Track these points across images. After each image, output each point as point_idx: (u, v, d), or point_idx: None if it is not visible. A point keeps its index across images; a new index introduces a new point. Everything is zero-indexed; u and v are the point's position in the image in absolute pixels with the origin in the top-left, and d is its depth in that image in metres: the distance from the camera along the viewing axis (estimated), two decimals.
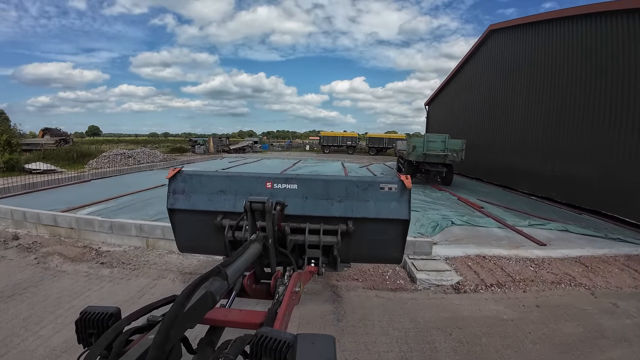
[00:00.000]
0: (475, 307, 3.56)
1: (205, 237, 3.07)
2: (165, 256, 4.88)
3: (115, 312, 1.27)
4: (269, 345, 1.07)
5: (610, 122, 8.26)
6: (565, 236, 6.38)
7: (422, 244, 4.76)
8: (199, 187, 3.06)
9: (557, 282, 4.39)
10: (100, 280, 4.13)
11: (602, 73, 8.56)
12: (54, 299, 3.79)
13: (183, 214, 3.05)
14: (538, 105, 11.21)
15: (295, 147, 48.57)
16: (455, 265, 4.51)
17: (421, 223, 6.56)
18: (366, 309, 3.46)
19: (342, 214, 2.86)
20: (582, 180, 9.08)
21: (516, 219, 7.37)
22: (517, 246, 5.57)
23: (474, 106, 16.33)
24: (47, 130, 29.24)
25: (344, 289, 3.89)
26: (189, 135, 56.78)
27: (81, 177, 12.11)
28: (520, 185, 12.00)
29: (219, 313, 1.54)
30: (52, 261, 4.83)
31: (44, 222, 5.99)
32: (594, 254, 5.41)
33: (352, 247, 2.92)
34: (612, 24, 8.35)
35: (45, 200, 8.29)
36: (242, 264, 1.71)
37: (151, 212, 7.03)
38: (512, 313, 3.54)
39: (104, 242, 5.43)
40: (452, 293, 3.88)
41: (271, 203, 2.18)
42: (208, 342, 1.42)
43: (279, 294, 1.85)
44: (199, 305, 1.16)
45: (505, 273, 4.42)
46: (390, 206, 2.84)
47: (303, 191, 2.92)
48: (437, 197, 10.10)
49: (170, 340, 0.99)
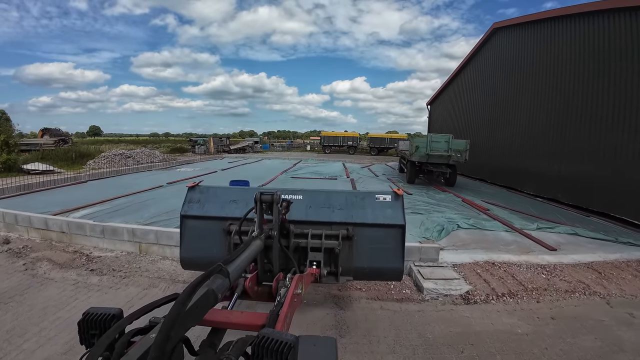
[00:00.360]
0: (487, 321, 3.33)
1: (210, 245, 3.13)
2: (158, 262, 4.66)
3: (118, 313, 1.26)
4: (271, 347, 1.06)
5: (619, 120, 8.01)
6: (575, 240, 6.15)
7: (428, 250, 4.52)
8: (214, 197, 3.30)
9: (571, 291, 4.17)
10: (88, 289, 3.91)
11: (610, 71, 8.31)
12: (39, 310, 3.59)
13: (194, 220, 3.22)
14: (544, 104, 10.96)
15: (296, 147, 48.37)
16: (463, 272, 4.28)
17: (426, 227, 6.32)
18: (370, 322, 3.23)
19: (342, 220, 3.04)
20: (589, 181, 8.83)
21: (524, 222, 7.13)
22: (526, 251, 5.34)
23: (477, 105, 16.08)
24: (47, 130, 29.15)
25: (347, 300, 3.66)
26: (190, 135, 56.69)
27: (77, 178, 11.90)
28: (525, 186, 11.75)
29: (221, 315, 1.52)
30: (40, 267, 4.62)
31: (35, 225, 5.79)
32: (605, 259, 5.21)
33: (353, 254, 2.97)
34: (620, 21, 8.10)
35: (39, 202, 8.10)
36: (243, 262, 1.71)
37: (146, 214, 6.80)
38: (526, 326, 3.31)
39: (96, 247, 5.22)
40: (461, 304, 3.64)
41: (279, 195, 2.34)
42: (210, 344, 1.40)
43: (280, 296, 1.87)
44: (201, 303, 1.16)
45: (517, 281, 4.19)
46: (386, 213, 3.08)
47: (307, 201, 3.15)
48: (441, 199, 9.86)
49: (172, 340, 0.97)
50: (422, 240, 5.23)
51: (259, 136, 60.27)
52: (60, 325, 3.31)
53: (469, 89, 17.20)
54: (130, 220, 6.24)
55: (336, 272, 2.90)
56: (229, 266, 1.47)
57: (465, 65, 17.71)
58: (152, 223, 6.07)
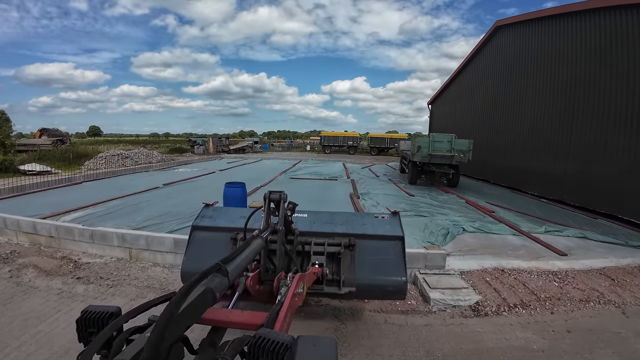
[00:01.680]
0: (500, 335, 3.08)
1: (216, 255, 2.94)
2: (148, 269, 4.41)
3: (116, 311, 1.25)
4: (267, 347, 1.05)
5: (628, 119, 7.76)
6: (584, 244, 5.92)
7: (434, 257, 4.27)
8: (225, 214, 3.61)
9: (585, 300, 3.95)
10: (73, 299, 3.67)
11: (618, 68, 8.06)
12: (21, 322, 3.37)
13: (204, 232, 3.41)
14: (549, 103, 10.71)
15: (296, 148, 48.11)
16: (472, 281, 4.03)
17: (430, 230, 6.08)
18: (374, 339, 2.97)
19: (344, 231, 3.21)
20: (596, 182, 8.58)
21: (531, 225, 6.88)
22: (536, 257, 5.10)
23: (480, 104, 15.84)
24: (45, 130, 28.96)
25: (348, 313, 3.40)
26: (190, 135, 56.47)
27: (72, 179, 11.67)
28: (530, 187, 11.49)
29: (221, 313, 1.51)
30: (25, 275, 4.38)
31: (24, 229, 5.56)
32: (617, 264, 4.99)
33: (355, 265, 3.01)
34: (629, 17, 7.86)
35: (32, 204, 7.88)
36: (244, 261, 1.70)
37: (139, 218, 6.55)
38: (542, 341, 3.07)
39: (85, 252, 4.98)
40: (471, 316, 3.39)
41: (286, 195, 2.47)
42: (210, 343, 1.37)
43: (281, 295, 1.86)
44: (199, 302, 1.15)
45: (529, 290, 3.95)
46: (385, 227, 3.28)
47: (311, 219, 3.39)
48: (444, 200, 9.61)
49: (167, 339, 0.96)
50: (427, 246, 4.99)
51: (259, 136, 60.05)
52: (41, 340, 3.10)
53: (471, 88, 16.95)
54: (122, 224, 6.01)
55: (338, 279, 2.90)
56: (228, 265, 1.47)
57: (467, 64, 17.46)
58: (144, 227, 5.83)
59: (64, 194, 9.43)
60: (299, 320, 3.17)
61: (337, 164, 22.78)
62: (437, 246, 4.99)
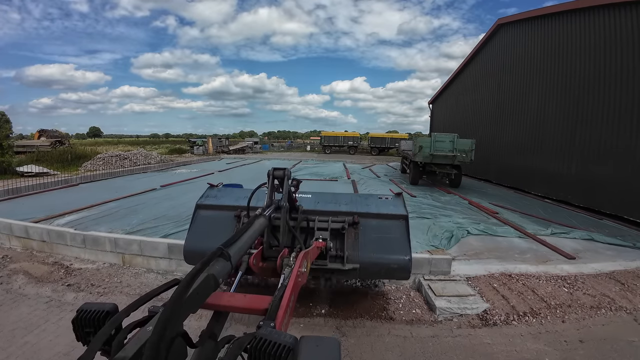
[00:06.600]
0: (511, 347, 2.91)
1: (219, 234, 3.08)
2: (141, 276, 4.25)
3: (112, 309, 1.22)
4: (268, 350, 1.01)
5: (634, 118, 7.59)
6: (592, 246, 5.76)
7: (439, 262, 4.10)
8: (230, 193, 3.65)
9: (597, 307, 3.79)
10: (61, 308, 3.51)
11: (623, 67, 7.89)
12: (8, 332, 3.24)
13: (208, 210, 3.46)
14: (552, 102, 10.53)
15: (296, 148, 47.94)
16: (479, 287, 3.86)
17: (434, 233, 5.91)
18: (378, 353, 2.79)
19: (348, 210, 3.25)
20: (602, 182, 8.41)
21: (536, 227, 6.71)
22: (544, 260, 4.93)
23: (482, 104, 15.66)
24: (43, 131, 28.78)
25: (349, 324, 3.22)
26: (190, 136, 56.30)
27: (69, 181, 11.50)
28: (533, 188, 11.31)
29: (223, 298, 1.46)
30: (16, 281, 4.23)
31: (16, 233, 5.40)
32: (626, 267, 4.83)
33: (359, 242, 3.02)
34: (634, 14, 7.68)
35: (26, 206, 7.71)
36: (245, 242, 1.66)
37: (134, 221, 6.39)
38: (554, 353, 2.90)
39: (77, 257, 4.82)
40: (479, 326, 3.22)
41: (290, 172, 2.45)
42: (210, 334, 1.30)
43: (284, 276, 1.85)
44: (201, 289, 1.13)
45: (538, 297, 3.78)
46: (388, 206, 3.31)
47: (315, 198, 3.39)
48: (446, 201, 9.44)
49: (168, 334, 0.91)
50: (431, 250, 4.82)
51: (259, 136, 59.93)
52: (28, 352, 2.96)
53: (473, 87, 16.77)
54: (117, 228, 5.85)
55: (342, 256, 2.90)
56: (230, 248, 1.43)
57: (469, 63, 17.29)
58: (138, 231, 5.67)
59: (59, 196, 9.27)
60: (298, 332, 3.00)
61: (337, 164, 22.60)
62: (442, 250, 4.82)
